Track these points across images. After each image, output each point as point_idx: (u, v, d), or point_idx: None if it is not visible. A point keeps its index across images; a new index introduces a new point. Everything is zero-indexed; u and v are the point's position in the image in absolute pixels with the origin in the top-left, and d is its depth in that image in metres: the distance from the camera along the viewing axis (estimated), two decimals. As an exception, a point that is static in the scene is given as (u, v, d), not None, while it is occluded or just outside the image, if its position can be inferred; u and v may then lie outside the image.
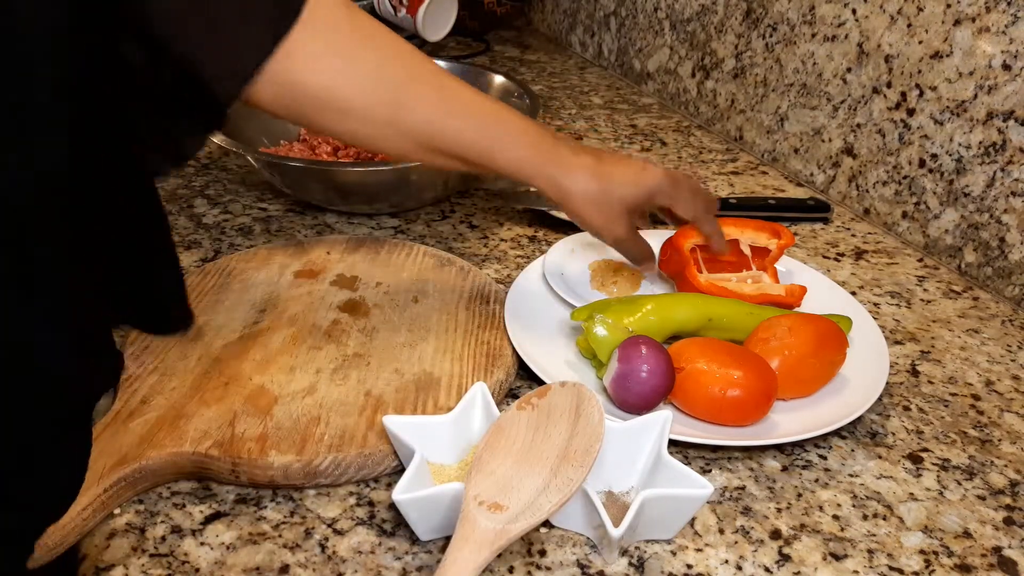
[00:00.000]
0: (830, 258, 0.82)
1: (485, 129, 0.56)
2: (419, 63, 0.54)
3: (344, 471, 0.53)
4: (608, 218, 0.62)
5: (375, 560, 0.48)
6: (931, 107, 0.80)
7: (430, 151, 0.55)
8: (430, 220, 0.86)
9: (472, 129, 0.56)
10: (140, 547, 0.48)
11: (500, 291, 0.71)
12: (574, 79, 1.33)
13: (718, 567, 0.49)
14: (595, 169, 0.60)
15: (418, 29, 1.27)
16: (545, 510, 0.44)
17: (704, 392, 0.56)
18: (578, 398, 0.51)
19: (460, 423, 0.53)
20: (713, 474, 0.55)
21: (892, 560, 0.49)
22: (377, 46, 0.51)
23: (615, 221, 0.63)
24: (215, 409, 0.55)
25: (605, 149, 0.67)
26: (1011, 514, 0.53)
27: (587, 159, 0.61)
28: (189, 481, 0.53)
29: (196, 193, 0.89)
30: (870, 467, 0.57)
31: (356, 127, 0.52)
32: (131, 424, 0.53)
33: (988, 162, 0.76)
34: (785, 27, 0.97)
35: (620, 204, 0.62)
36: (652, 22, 1.23)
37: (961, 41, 0.76)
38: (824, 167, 0.95)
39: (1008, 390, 0.65)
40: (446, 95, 0.55)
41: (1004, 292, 0.77)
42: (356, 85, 0.50)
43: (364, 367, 0.61)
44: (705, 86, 1.13)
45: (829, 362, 0.60)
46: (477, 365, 0.61)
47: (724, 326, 0.64)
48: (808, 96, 0.95)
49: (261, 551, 0.48)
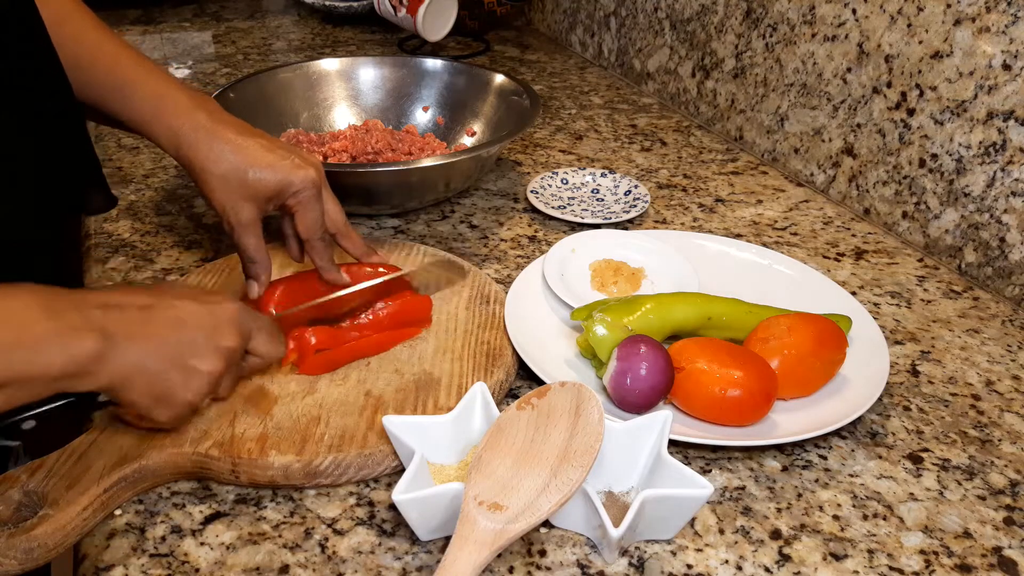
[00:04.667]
0: (830, 258, 0.82)
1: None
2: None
3: (344, 471, 0.53)
4: (235, 196, 0.59)
5: (375, 560, 0.48)
6: (931, 107, 0.80)
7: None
8: (430, 220, 0.86)
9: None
10: (140, 547, 0.48)
11: (500, 291, 0.71)
12: (574, 79, 1.33)
13: (718, 567, 0.48)
14: (231, 140, 0.58)
15: (418, 29, 1.27)
16: (545, 510, 0.44)
17: (704, 392, 0.56)
18: (578, 398, 0.51)
19: (460, 423, 0.53)
20: (713, 474, 0.55)
21: (892, 560, 0.49)
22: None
23: (242, 202, 0.59)
24: (215, 409, 0.55)
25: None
26: (1011, 514, 0.53)
27: (223, 139, 0.58)
28: (189, 481, 0.53)
29: (196, 193, 0.89)
30: (870, 467, 0.57)
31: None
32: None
33: (988, 162, 0.76)
34: (785, 27, 0.97)
35: (252, 187, 0.58)
36: (652, 22, 1.23)
37: (961, 41, 0.76)
38: (824, 167, 0.95)
39: (1008, 390, 0.65)
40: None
41: (1004, 292, 0.77)
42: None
43: (364, 367, 0.61)
44: (705, 86, 1.13)
45: (829, 362, 0.60)
46: (477, 365, 0.61)
47: (723, 325, 0.64)
48: (808, 96, 0.95)
49: (261, 551, 0.48)
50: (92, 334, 0.43)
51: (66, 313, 0.42)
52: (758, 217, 0.89)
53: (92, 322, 0.43)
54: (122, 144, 1.00)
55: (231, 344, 0.50)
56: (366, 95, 1.01)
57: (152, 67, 0.62)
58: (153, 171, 0.94)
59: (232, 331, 0.50)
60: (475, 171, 0.87)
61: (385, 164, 0.78)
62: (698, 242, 0.80)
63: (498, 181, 0.95)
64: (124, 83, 0.60)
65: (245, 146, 0.59)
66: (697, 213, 0.90)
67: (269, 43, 1.44)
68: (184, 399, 0.48)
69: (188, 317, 0.48)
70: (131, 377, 0.45)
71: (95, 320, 0.43)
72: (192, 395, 0.48)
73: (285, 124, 0.94)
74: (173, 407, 0.48)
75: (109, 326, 0.44)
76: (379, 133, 0.92)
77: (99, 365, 0.43)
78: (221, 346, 0.49)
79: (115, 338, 0.44)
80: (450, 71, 1.01)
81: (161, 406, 0.48)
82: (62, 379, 0.42)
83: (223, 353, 0.49)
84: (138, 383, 0.46)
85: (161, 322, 0.47)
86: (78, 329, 0.42)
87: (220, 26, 1.53)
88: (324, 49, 1.41)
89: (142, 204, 0.86)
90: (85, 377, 0.43)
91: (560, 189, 0.91)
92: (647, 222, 0.87)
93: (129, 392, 0.46)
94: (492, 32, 1.52)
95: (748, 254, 0.78)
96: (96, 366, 0.43)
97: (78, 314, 0.43)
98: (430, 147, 0.91)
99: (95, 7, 0.64)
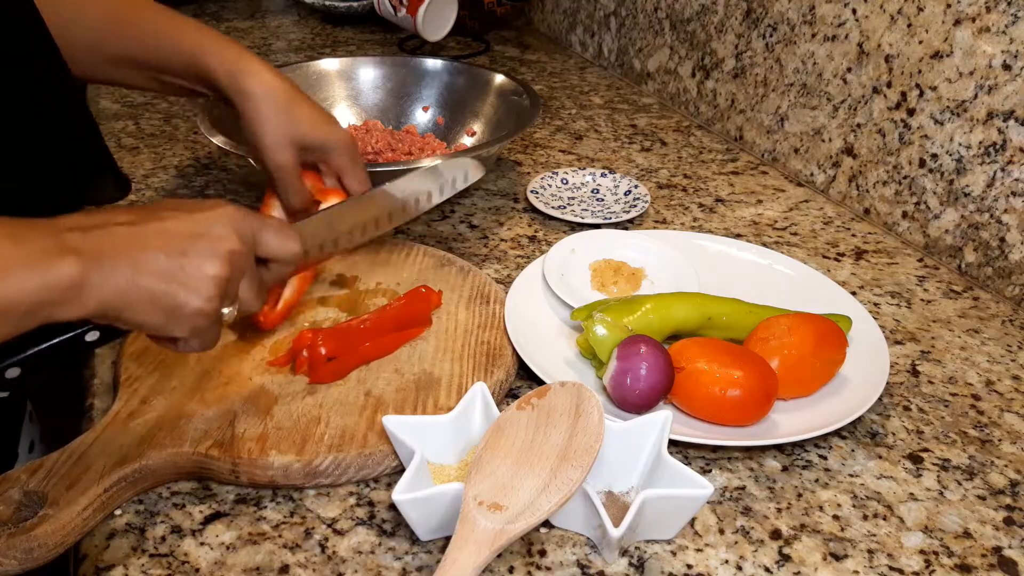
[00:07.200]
0: (830, 258, 0.82)
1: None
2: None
3: (344, 471, 0.53)
4: (280, 135, 0.61)
5: (375, 560, 0.48)
6: (931, 107, 0.80)
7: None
8: (430, 220, 0.86)
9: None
10: (140, 547, 0.48)
11: (500, 291, 0.71)
12: (574, 79, 1.33)
13: (718, 567, 0.48)
14: (287, 86, 0.61)
15: (418, 29, 1.27)
16: (545, 510, 0.44)
17: (704, 392, 0.56)
18: (578, 398, 0.51)
19: (460, 423, 0.53)
20: (713, 474, 0.55)
21: (892, 560, 0.49)
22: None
23: (286, 145, 0.61)
24: (215, 409, 0.55)
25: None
26: (1011, 514, 0.53)
27: (278, 79, 0.61)
28: (189, 481, 0.53)
29: (196, 193, 0.89)
30: (870, 467, 0.57)
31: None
32: (131, 424, 0.53)
33: (988, 162, 0.76)
34: (785, 27, 0.97)
35: (300, 129, 0.62)
36: (652, 22, 1.23)
37: (961, 41, 0.76)
38: (824, 167, 0.95)
39: (1008, 390, 0.65)
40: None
41: (1004, 292, 0.77)
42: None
43: (364, 367, 0.60)
44: (705, 86, 1.13)
45: (829, 362, 0.60)
46: (477, 365, 0.61)
47: (723, 325, 0.64)
48: (808, 96, 0.95)
49: (261, 551, 0.48)
50: (69, 257, 0.39)
51: (35, 239, 0.39)
52: (758, 217, 0.89)
53: (67, 245, 0.40)
54: (122, 144, 1.00)
55: (231, 246, 0.46)
56: (366, 95, 1.01)
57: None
58: (153, 171, 0.94)
59: (229, 232, 0.46)
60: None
61: (385, 164, 0.78)
62: (698, 242, 0.80)
63: (498, 181, 0.95)
64: (175, 28, 0.62)
65: (298, 95, 0.62)
66: (697, 213, 0.90)
67: (269, 43, 1.44)
68: (194, 307, 0.44)
69: (178, 226, 0.45)
70: (126, 296, 0.42)
71: (71, 242, 0.40)
72: (202, 301, 0.45)
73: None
74: (188, 319, 0.45)
75: (90, 247, 0.41)
76: (379, 133, 0.92)
77: (84, 289, 0.40)
78: (221, 249, 0.46)
79: (100, 258, 0.41)
80: (450, 71, 1.01)
81: (175, 321, 0.45)
82: (40, 308, 0.39)
83: (224, 256, 0.46)
84: (137, 302, 0.43)
85: (149, 235, 0.44)
86: (50, 253, 0.39)
87: (220, 26, 1.53)
88: (324, 49, 1.41)
89: (142, 204, 0.86)
90: (68, 304, 0.40)
91: (560, 189, 0.91)
92: (647, 222, 0.87)
93: (132, 313, 0.43)
94: (492, 32, 1.52)
95: (748, 254, 0.78)
96: (80, 291, 0.40)
97: (50, 239, 0.40)
98: (430, 147, 0.91)
99: (95, 7, 0.64)
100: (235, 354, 0.61)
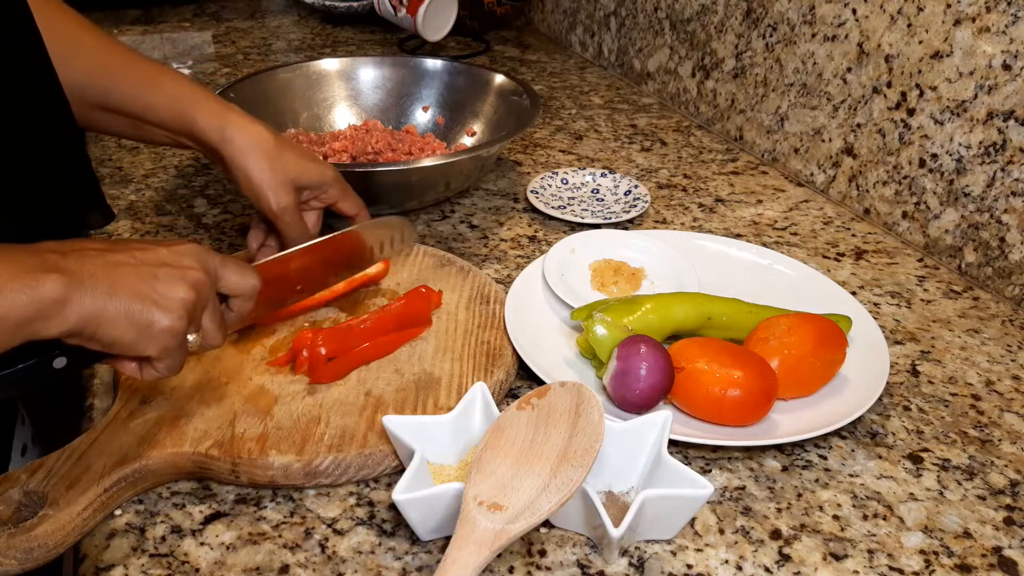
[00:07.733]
0: (830, 258, 0.82)
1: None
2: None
3: (344, 471, 0.53)
4: (278, 180, 0.63)
5: (375, 560, 0.48)
6: (931, 107, 0.80)
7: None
8: (430, 220, 0.86)
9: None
10: (140, 547, 0.48)
11: (500, 291, 0.71)
12: (574, 79, 1.33)
13: (718, 567, 0.48)
14: (272, 135, 0.64)
15: (418, 29, 1.27)
16: (545, 510, 0.44)
17: (704, 392, 0.56)
18: (578, 398, 0.51)
19: (460, 423, 0.53)
20: (713, 474, 0.55)
21: (892, 560, 0.49)
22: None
23: (287, 188, 0.64)
24: (215, 409, 0.55)
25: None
26: (1011, 514, 0.53)
27: (264, 129, 0.64)
28: (189, 481, 0.53)
29: (196, 193, 0.89)
30: (870, 467, 0.57)
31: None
32: (131, 424, 0.53)
33: (988, 162, 0.76)
34: (785, 27, 0.97)
35: (293, 172, 0.64)
36: (652, 22, 1.23)
37: (961, 41, 0.76)
38: (824, 167, 0.95)
39: (1008, 390, 0.65)
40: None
41: (1004, 292, 0.77)
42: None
43: (364, 367, 0.60)
44: (705, 86, 1.13)
45: (829, 362, 0.60)
46: (477, 365, 0.61)
47: (723, 325, 0.64)
48: (808, 96, 0.95)
49: (261, 551, 0.48)
50: (53, 275, 0.42)
51: (22, 259, 0.42)
52: (758, 217, 0.89)
53: (50, 264, 0.43)
54: (122, 144, 1.00)
55: (196, 275, 0.49)
56: (366, 95, 1.01)
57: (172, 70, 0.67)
58: (153, 171, 0.94)
59: (194, 263, 0.50)
60: (475, 171, 0.87)
61: (385, 164, 0.78)
62: (698, 242, 0.80)
63: (498, 181, 0.95)
64: (160, 79, 0.64)
65: (283, 141, 0.65)
66: (697, 213, 0.90)
67: (269, 43, 1.44)
68: (165, 324, 0.47)
69: (148, 256, 0.48)
70: (104, 313, 0.44)
71: (53, 262, 0.43)
72: (173, 319, 0.47)
73: (285, 124, 0.94)
74: (159, 337, 0.47)
75: (71, 267, 0.44)
76: (379, 133, 0.92)
77: (65, 306, 0.42)
78: (188, 276, 0.49)
79: (80, 277, 0.43)
80: (450, 71, 1.01)
81: (147, 339, 0.47)
82: (28, 324, 0.41)
83: (191, 282, 0.49)
84: (115, 318, 0.45)
85: (122, 259, 0.47)
86: (37, 271, 0.42)
87: (220, 26, 1.53)
88: (324, 49, 1.41)
89: (142, 204, 0.86)
90: (52, 320, 0.42)
91: (560, 189, 0.91)
92: (647, 222, 0.87)
93: (108, 329, 0.45)
94: (492, 32, 1.52)
95: (748, 254, 0.78)
96: (63, 306, 0.42)
97: (35, 257, 0.43)
98: (430, 147, 0.91)
99: (95, 7, 0.64)
100: (235, 354, 0.61)
